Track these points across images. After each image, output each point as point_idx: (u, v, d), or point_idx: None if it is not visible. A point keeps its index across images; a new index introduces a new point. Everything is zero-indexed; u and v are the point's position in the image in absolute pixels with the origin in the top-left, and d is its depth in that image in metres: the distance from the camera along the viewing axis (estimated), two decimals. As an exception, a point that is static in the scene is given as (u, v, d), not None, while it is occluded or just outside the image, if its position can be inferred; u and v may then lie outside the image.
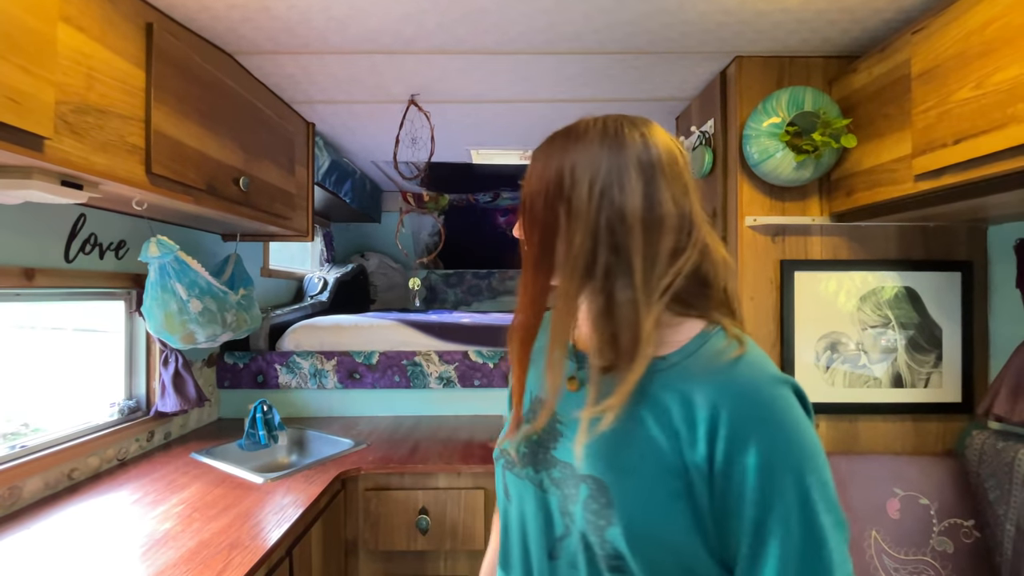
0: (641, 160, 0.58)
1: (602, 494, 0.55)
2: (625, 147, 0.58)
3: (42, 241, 1.29)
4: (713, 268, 0.60)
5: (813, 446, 0.51)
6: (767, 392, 0.52)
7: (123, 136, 1.03)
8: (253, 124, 1.52)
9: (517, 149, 2.46)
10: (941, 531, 1.32)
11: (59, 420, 1.44)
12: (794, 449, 0.50)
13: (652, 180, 0.57)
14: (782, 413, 0.51)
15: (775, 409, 0.51)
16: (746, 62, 1.50)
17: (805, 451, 0.51)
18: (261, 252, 2.46)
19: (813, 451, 0.51)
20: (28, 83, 0.80)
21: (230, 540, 1.05)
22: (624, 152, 0.58)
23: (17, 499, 1.22)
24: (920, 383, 1.50)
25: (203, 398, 1.73)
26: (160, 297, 1.46)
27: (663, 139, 0.60)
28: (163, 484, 1.37)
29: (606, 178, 0.57)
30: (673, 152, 0.60)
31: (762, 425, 0.50)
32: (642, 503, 0.53)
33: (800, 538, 0.49)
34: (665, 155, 0.59)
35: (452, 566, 1.54)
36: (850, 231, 1.51)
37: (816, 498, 0.50)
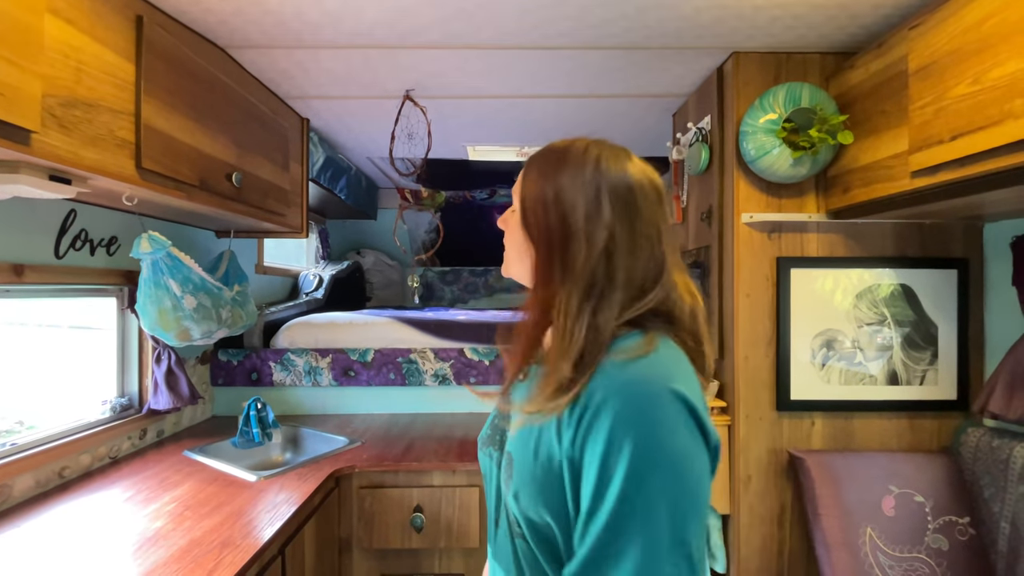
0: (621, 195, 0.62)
1: (510, 465, 0.62)
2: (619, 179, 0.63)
3: (32, 237, 1.27)
4: (679, 311, 0.63)
5: (672, 453, 0.52)
6: (639, 390, 0.54)
7: (112, 130, 1.02)
8: (246, 119, 1.51)
9: (514, 145, 2.44)
10: (936, 528, 1.32)
11: (54, 418, 1.43)
12: (648, 451, 0.51)
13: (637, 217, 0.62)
14: (637, 400, 0.53)
15: (630, 396, 0.53)
16: (743, 58, 1.49)
17: (662, 454, 0.52)
18: (256, 249, 2.45)
19: (670, 458, 0.52)
20: (14, 75, 0.79)
21: (222, 538, 1.04)
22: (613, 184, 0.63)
23: (7, 497, 1.21)
24: (916, 380, 1.50)
25: (196, 396, 1.72)
26: (154, 294, 1.45)
27: (648, 172, 0.67)
28: (155, 482, 1.36)
29: (602, 207, 0.62)
30: (658, 188, 0.66)
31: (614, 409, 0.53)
32: (527, 475, 0.59)
33: (622, 511, 0.51)
34: (651, 191, 0.65)
35: (447, 564, 1.54)
36: (846, 228, 1.51)
37: (655, 500, 0.51)
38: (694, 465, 0.54)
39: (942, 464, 1.39)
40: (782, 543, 1.50)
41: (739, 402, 1.50)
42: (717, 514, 1.57)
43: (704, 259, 1.68)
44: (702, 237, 1.71)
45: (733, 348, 1.52)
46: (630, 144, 2.76)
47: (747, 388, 1.51)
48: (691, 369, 0.60)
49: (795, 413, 1.51)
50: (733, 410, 1.52)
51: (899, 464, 1.40)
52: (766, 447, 1.51)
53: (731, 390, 1.53)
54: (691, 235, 1.82)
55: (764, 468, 1.50)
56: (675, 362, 0.59)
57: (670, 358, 0.59)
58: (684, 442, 0.53)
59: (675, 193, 1.89)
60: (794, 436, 1.51)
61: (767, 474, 1.50)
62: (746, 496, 1.50)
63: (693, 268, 1.76)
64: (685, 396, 0.54)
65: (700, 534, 0.54)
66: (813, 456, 1.43)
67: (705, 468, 0.55)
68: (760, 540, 1.50)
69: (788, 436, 1.51)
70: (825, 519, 1.36)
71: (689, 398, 0.55)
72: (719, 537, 1.58)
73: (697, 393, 0.57)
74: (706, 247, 1.67)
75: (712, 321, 1.63)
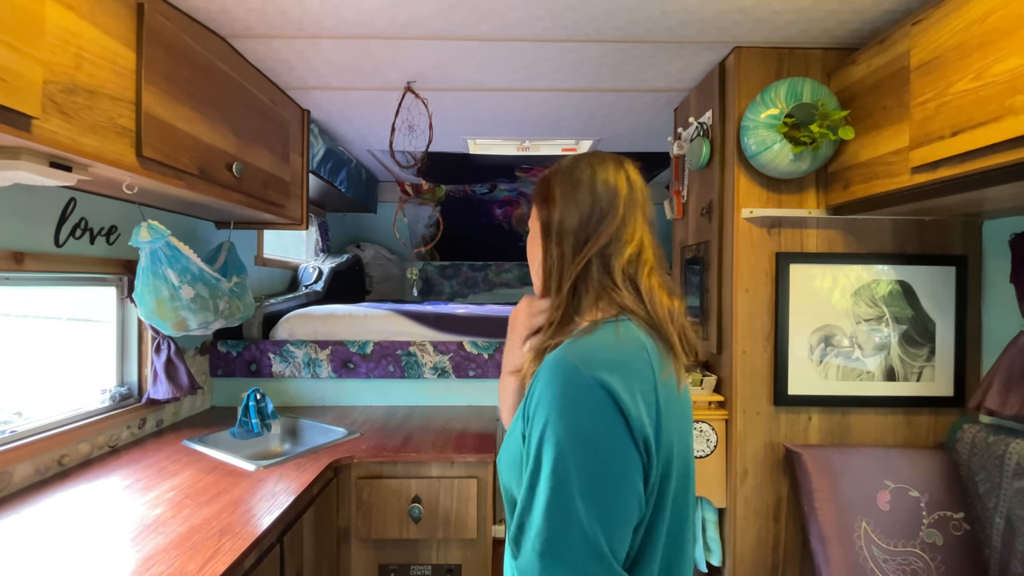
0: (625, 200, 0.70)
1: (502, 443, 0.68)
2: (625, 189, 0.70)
3: (32, 225, 1.27)
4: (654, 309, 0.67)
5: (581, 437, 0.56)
6: (560, 370, 0.58)
7: (113, 118, 1.02)
8: (246, 109, 1.50)
9: (514, 139, 2.44)
10: (931, 523, 1.33)
11: (54, 409, 1.43)
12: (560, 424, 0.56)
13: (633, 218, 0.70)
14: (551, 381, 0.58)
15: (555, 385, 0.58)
16: (745, 53, 1.49)
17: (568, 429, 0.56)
18: (256, 241, 2.45)
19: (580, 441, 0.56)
20: (14, 61, 0.79)
21: (221, 526, 1.05)
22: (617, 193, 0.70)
23: (7, 484, 1.21)
24: (913, 377, 1.50)
25: (195, 386, 1.72)
26: (151, 283, 1.44)
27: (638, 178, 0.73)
28: (154, 471, 1.37)
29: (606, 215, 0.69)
30: (644, 190, 0.73)
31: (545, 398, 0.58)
32: (504, 452, 0.66)
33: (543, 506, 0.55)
34: (641, 194, 0.72)
35: (445, 555, 1.55)
36: (846, 224, 1.51)
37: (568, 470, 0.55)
38: (606, 450, 0.56)
39: (938, 460, 1.39)
40: (778, 537, 1.51)
41: (736, 396, 1.51)
42: (713, 507, 1.57)
43: (703, 254, 1.68)
44: (702, 232, 1.71)
45: (731, 343, 1.52)
46: (631, 139, 2.74)
47: (745, 382, 1.51)
48: (638, 354, 0.61)
49: (792, 408, 1.52)
50: (730, 404, 1.53)
51: (895, 459, 1.40)
52: (763, 441, 1.51)
53: (729, 384, 1.54)
54: (691, 230, 1.82)
55: (760, 462, 1.51)
56: (613, 345, 0.61)
57: (608, 341, 0.62)
58: (589, 418, 0.56)
59: (675, 188, 1.89)
60: (791, 431, 1.52)
61: (763, 468, 1.51)
62: (742, 490, 1.50)
63: (692, 263, 1.77)
64: (598, 376, 0.57)
65: (614, 521, 0.55)
66: (810, 451, 1.44)
67: (623, 455, 0.56)
68: (756, 534, 1.51)
69: (785, 431, 1.52)
70: (821, 513, 1.37)
71: (601, 377, 0.57)
72: (715, 530, 1.58)
73: (629, 380, 0.58)
74: (706, 242, 1.67)
75: (711, 316, 1.63)
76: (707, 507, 1.58)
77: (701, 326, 1.70)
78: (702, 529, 1.60)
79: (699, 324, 1.71)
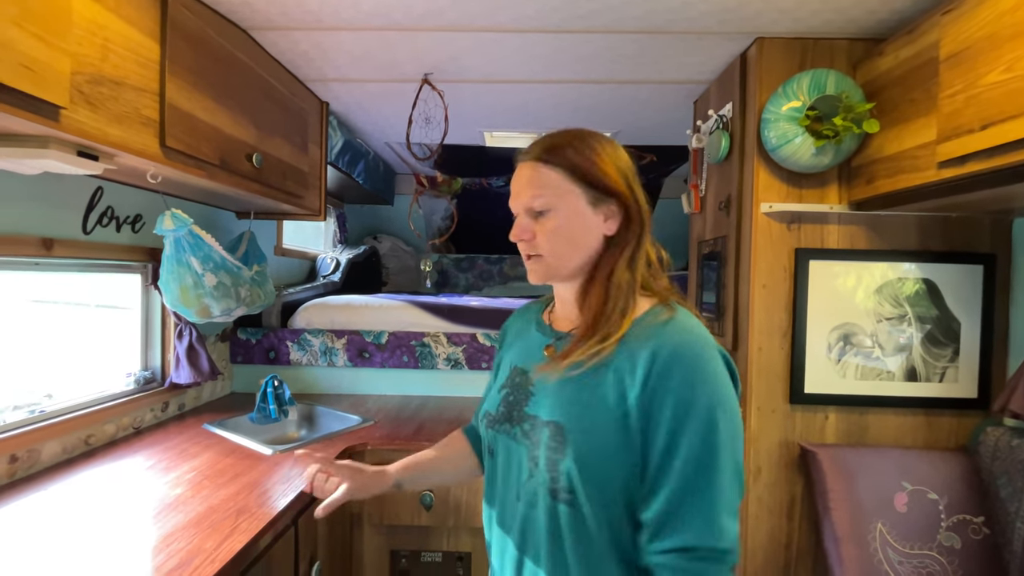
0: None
1: (559, 434, 0.68)
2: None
3: (60, 212, 1.31)
4: (654, 262, 0.77)
5: (726, 392, 0.65)
6: (689, 346, 0.66)
7: (137, 108, 1.04)
8: (266, 101, 1.52)
9: (531, 132, 2.43)
10: (949, 526, 1.30)
11: (82, 391, 1.48)
12: (707, 389, 0.63)
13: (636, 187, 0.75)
14: (698, 360, 0.65)
15: (693, 356, 0.65)
16: (767, 43, 1.46)
17: (717, 394, 0.64)
18: (275, 231, 2.49)
19: (724, 397, 0.64)
20: (43, 52, 0.81)
21: (238, 506, 1.08)
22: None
23: (35, 462, 1.26)
24: (935, 377, 1.47)
25: (216, 371, 1.77)
26: (176, 271, 1.48)
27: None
28: (176, 452, 1.41)
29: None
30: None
31: (682, 368, 0.64)
32: (589, 438, 0.66)
33: (698, 460, 0.62)
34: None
35: (455, 542, 1.57)
36: (869, 220, 1.48)
37: (721, 432, 0.62)
38: (737, 408, 0.67)
39: (958, 462, 1.36)
40: (790, 535, 1.50)
41: (751, 393, 1.49)
42: None
43: (721, 249, 1.66)
44: (720, 227, 1.69)
45: (747, 339, 1.50)
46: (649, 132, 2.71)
47: (760, 379, 1.49)
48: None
49: (809, 406, 1.49)
50: (745, 401, 1.51)
51: (914, 461, 1.37)
52: (777, 439, 1.50)
53: (744, 381, 1.52)
54: (708, 225, 1.80)
55: (775, 460, 1.49)
56: (695, 320, 0.71)
57: (691, 317, 0.71)
58: (728, 385, 0.66)
59: (693, 182, 1.87)
60: (807, 429, 1.50)
61: (778, 466, 1.49)
62: (755, 488, 1.49)
63: (709, 259, 1.74)
64: (716, 345, 0.68)
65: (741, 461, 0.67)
66: (825, 450, 1.41)
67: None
68: (768, 532, 1.50)
69: (800, 429, 1.50)
70: (836, 513, 1.35)
71: (718, 346, 0.68)
72: (726, 527, 1.57)
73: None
74: (723, 237, 1.65)
75: (726, 312, 1.61)
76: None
77: (716, 322, 1.68)
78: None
79: (714, 320, 1.69)
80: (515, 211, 0.77)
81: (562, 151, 0.73)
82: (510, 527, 0.74)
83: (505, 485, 0.76)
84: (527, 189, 0.74)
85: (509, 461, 0.75)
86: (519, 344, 0.84)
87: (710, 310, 1.72)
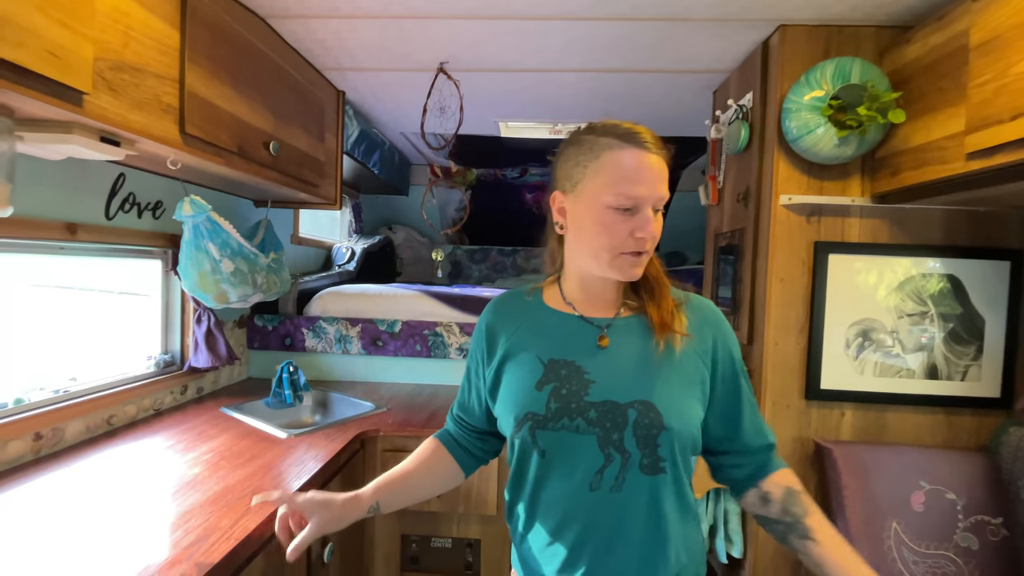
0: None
1: (649, 410, 0.73)
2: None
3: (84, 198, 1.34)
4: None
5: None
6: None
7: (158, 95, 1.06)
8: (284, 89, 1.54)
9: (547, 122, 2.41)
10: (967, 527, 1.28)
11: (104, 373, 1.52)
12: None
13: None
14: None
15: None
16: (791, 31, 1.42)
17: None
18: (291, 220, 2.52)
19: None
20: (67, 38, 0.83)
21: (253, 487, 1.11)
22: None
23: (60, 440, 1.30)
24: (957, 376, 1.43)
25: (233, 356, 1.80)
26: (194, 256, 1.51)
27: None
28: (194, 434, 1.44)
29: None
30: None
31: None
32: (678, 403, 0.74)
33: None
34: None
35: (464, 528, 1.59)
36: (892, 213, 1.44)
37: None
38: None
39: (978, 463, 1.33)
40: (802, 532, 1.48)
41: (766, 388, 1.48)
42: (736, 499, 1.55)
43: (738, 242, 1.64)
44: (737, 219, 1.66)
45: (763, 333, 1.48)
46: (668, 123, 2.66)
47: (775, 375, 1.47)
48: None
49: (825, 403, 1.47)
50: (759, 396, 1.49)
51: (932, 460, 1.35)
52: (791, 435, 1.48)
53: (758, 376, 1.50)
54: (726, 217, 1.77)
55: (788, 456, 1.47)
56: None
57: None
58: None
59: (711, 173, 1.84)
60: (822, 426, 1.48)
61: (791, 462, 1.47)
62: (767, 483, 1.48)
63: (726, 252, 1.72)
64: None
65: None
66: (841, 447, 1.39)
67: None
68: (779, 528, 1.48)
69: (816, 426, 1.48)
70: (850, 510, 1.33)
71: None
72: (737, 522, 1.57)
73: None
74: (741, 229, 1.62)
75: (742, 306, 1.59)
76: (730, 499, 1.56)
77: (732, 316, 1.66)
78: (724, 520, 1.59)
79: (729, 314, 1.67)
80: (642, 202, 0.72)
81: (667, 149, 0.76)
82: (579, 518, 0.74)
83: (567, 479, 0.74)
84: (661, 183, 0.74)
85: (572, 454, 0.74)
86: (539, 338, 0.81)
87: (726, 304, 1.70)
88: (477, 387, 0.89)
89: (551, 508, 0.76)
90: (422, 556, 1.61)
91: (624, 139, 0.73)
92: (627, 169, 0.72)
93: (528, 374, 0.78)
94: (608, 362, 0.76)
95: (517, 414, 0.77)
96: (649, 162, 0.73)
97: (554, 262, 0.87)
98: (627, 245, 0.73)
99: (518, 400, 0.78)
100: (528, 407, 0.76)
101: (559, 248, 0.85)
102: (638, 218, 0.73)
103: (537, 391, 0.76)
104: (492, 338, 0.85)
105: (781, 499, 0.79)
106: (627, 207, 0.72)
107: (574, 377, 0.76)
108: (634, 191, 0.71)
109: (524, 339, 0.82)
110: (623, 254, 0.74)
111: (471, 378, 0.91)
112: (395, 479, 0.90)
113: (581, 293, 0.82)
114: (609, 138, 0.74)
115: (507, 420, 0.79)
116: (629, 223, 0.73)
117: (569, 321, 0.81)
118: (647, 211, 0.73)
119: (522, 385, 0.78)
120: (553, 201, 0.81)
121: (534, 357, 0.79)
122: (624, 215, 0.73)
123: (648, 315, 0.79)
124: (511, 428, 0.78)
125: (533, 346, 0.80)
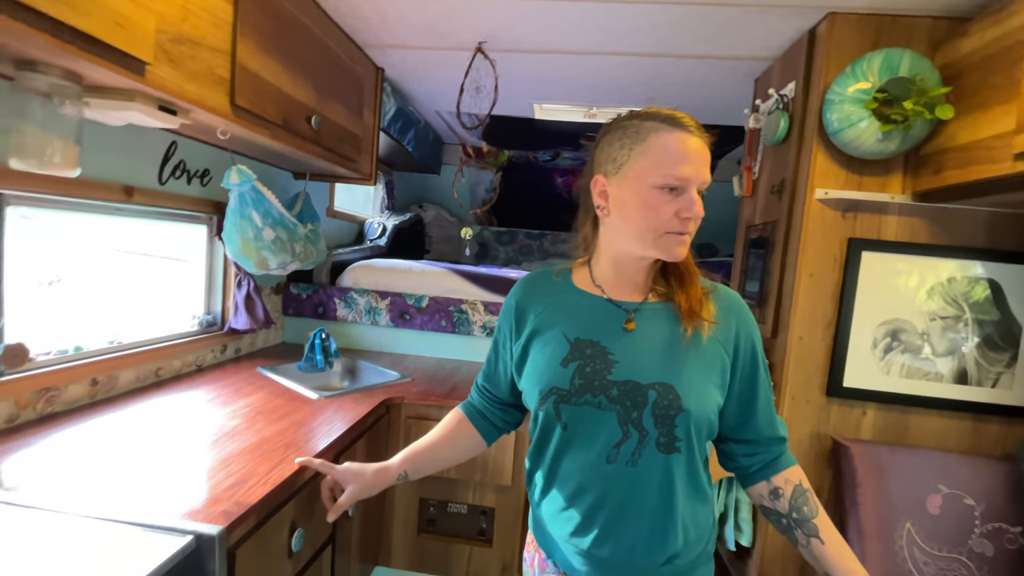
0: None
1: (668, 392, 0.75)
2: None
3: (140, 163, 1.43)
4: None
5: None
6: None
7: (211, 68, 1.11)
8: (326, 65, 1.58)
9: (582, 105, 2.40)
10: (983, 533, 1.27)
11: (152, 330, 1.63)
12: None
13: None
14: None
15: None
16: (840, 19, 1.38)
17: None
18: (328, 194, 2.59)
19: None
20: (132, 10, 0.88)
21: (286, 440, 1.18)
22: None
23: (114, 386, 1.41)
24: (987, 382, 1.40)
25: (270, 320, 1.89)
26: (239, 223, 1.59)
27: None
28: (232, 390, 1.54)
29: None
30: None
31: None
32: (698, 387, 0.76)
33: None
34: None
35: (480, 496, 1.65)
36: (933, 213, 1.40)
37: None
38: None
39: (1002, 471, 1.31)
40: (813, 526, 1.49)
41: (787, 382, 1.47)
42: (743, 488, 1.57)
43: (769, 235, 1.62)
44: (771, 211, 1.64)
45: (788, 327, 1.48)
46: (705, 110, 2.62)
47: (798, 369, 1.47)
48: None
49: (846, 400, 1.46)
50: (780, 389, 1.50)
51: (953, 465, 1.33)
52: (809, 430, 1.48)
53: (780, 369, 1.50)
54: (759, 209, 1.75)
55: (804, 451, 1.48)
56: None
57: None
58: None
59: (747, 164, 1.81)
60: (842, 423, 1.47)
61: (807, 457, 1.48)
62: (781, 476, 1.49)
63: (756, 245, 1.70)
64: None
65: None
66: (859, 445, 1.39)
67: None
68: (790, 520, 1.49)
69: (835, 422, 1.47)
70: (863, 508, 1.33)
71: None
72: (748, 512, 1.58)
73: None
74: (773, 222, 1.61)
75: (769, 299, 1.58)
76: (741, 489, 1.58)
77: (757, 309, 1.65)
78: (735, 510, 1.61)
79: (755, 307, 1.66)
80: (688, 183, 0.73)
81: (710, 134, 0.77)
82: (594, 488, 0.78)
83: (586, 451, 0.78)
84: (705, 166, 0.75)
85: (592, 429, 0.77)
86: (567, 317, 0.83)
87: (752, 298, 1.69)
88: (504, 360, 0.93)
89: (568, 477, 0.80)
90: (439, 519, 1.69)
91: (669, 123, 0.75)
92: (673, 150, 0.73)
93: (555, 351, 0.81)
94: (633, 344, 0.79)
95: (542, 388, 0.80)
96: (694, 145, 0.74)
97: (587, 247, 0.88)
98: (672, 225, 0.75)
99: (544, 375, 0.81)
100: (553, 382, 0.79)
101: (593, 233, 0.86)
102: (683, 198, 0.74)
103: (563, 367, 0.79)
104: (521, 315, 0.88)
105: (792, 496, 0.81)
106: (673, 186, 0.73)
107: (599, 356, 0.78)
108: (680, 171, 0.72)
109: (552, 317, 0.84)
110: (668, 233, 0.75)
111: (499, 351, 0.94)
112: (421, 450, 0.99)
113: (612, 276, 0.84)
114: (654, 122, 0.75)
115: (532, 394, 0.83)
116: (675, 203, 0.74)
117: (597, 303, 0.83)
118: (692, 192, 0.74)
119: (548, 361, 0.81)
120: (594, 185, 0.80)
121: (561, 335, 0.82)
122: (670, 195, 0.74)
123: (676, 302, 0.80)
124: (536, 401, 0.82)
125: (560, 324, 0.83)
